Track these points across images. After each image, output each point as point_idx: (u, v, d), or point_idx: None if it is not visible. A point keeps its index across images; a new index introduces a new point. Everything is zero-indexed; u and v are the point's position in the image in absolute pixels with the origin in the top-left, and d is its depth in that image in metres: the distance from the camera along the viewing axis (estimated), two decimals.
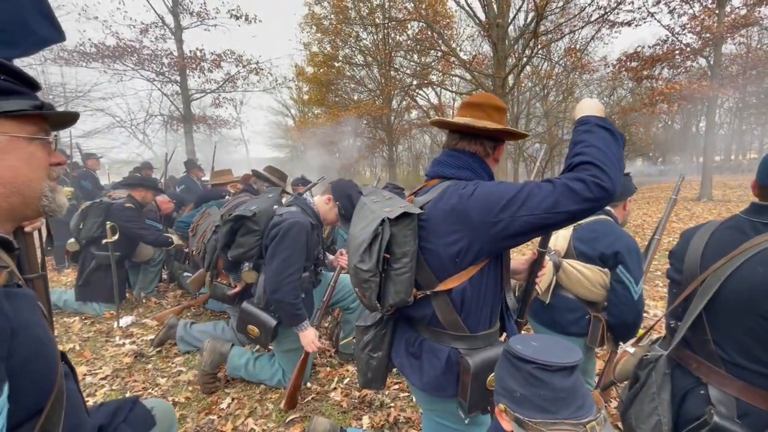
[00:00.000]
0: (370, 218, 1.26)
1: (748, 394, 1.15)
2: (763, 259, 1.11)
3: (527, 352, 0.91)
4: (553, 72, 19.50)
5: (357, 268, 1.22)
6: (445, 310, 1.25)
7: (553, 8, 13.30)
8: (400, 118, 21.35)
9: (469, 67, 13.56)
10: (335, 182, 2.52)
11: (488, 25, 12.39)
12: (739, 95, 18.66)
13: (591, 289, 1.98)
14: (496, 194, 1.12)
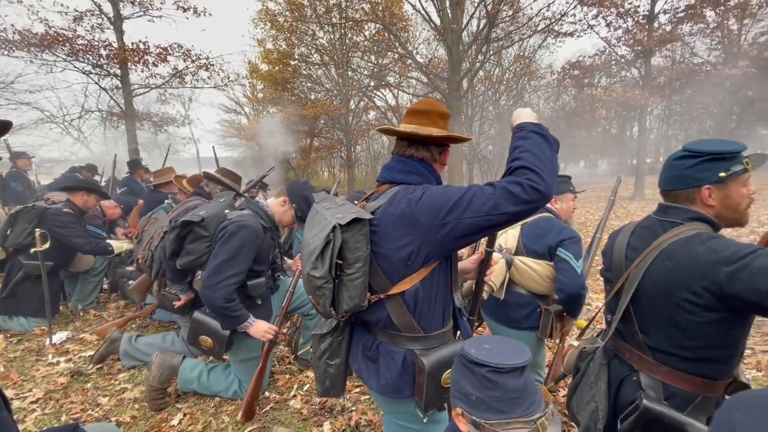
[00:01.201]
0: (322, 225, 1.26)
1: (673, 378, 1.27)
2: (670, 253, 1.24)
3: (480, 356, 0.94)
4: (504, 77, 20.40)
5: (310, 276, 1.21)
6: (399, 312, 1.28)
7: (504, 17, 13.91)
8: (358, 118, 21.30)
9: (425, 70, 13.82)
10: (290, 184, 2.47)
11: (443, 29, 12.71)
12: (666, 103, 20.58)
13: (541, 282, 2.11)
14: (442, 198, 1.16)
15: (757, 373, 2.70)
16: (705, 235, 1.20)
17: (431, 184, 1.31)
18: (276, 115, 20.45)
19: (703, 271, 1.14)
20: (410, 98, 19.93)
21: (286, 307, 2.60)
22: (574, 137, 24.47)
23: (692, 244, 1.20)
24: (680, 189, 1.30)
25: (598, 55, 16.48)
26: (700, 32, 15.63)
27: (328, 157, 26.96)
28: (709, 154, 1.25)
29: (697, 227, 1.25)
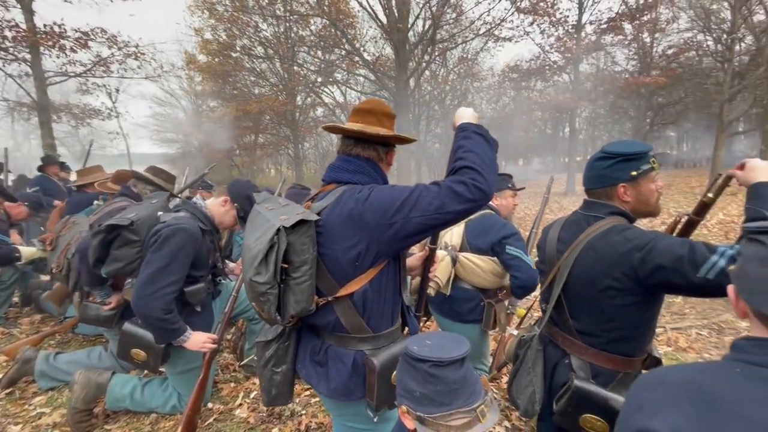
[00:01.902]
0: (264, 227, 1.21)
1: (599, 358, 1.40)
2: (592, 245, 1.36)
3: (423, 352, 0.96)
4: (449, 78, 21.07)
5: (253, 282, 1.15)
6: (348, 314, 1.26)
7: (448, 19, 14.34)
8: (305, 115, 20.84)
9: (372, 68, 13.87)
10: (231, 182, 2.33)
11: (390, 28, 12.82)
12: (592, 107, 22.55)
13: (485, 277, 2.21)
14: (389, 198, 1.17)
15: (668, 348, 3.05)
16: (620, 227, 1.34)
17: (378, 183, 1.31)
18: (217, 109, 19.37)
19: (620, 259, 1.27)
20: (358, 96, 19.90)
21: (229, 313, 2.47)
22: (513, 137, 25.95)
23: (609, 236, 1.33)
24: (600, 187, 1.43)
25: (533, 60, 17.61)
26: (619, 43, 17.27)
27: (275, 155, 26.11)
28: (622, 155, 1.38)
29: (615, 220, 1.38)
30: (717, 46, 15.65)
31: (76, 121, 14.29)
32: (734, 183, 1.31)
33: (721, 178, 1.33)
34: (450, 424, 0.94)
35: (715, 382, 0.65)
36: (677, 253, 1.15)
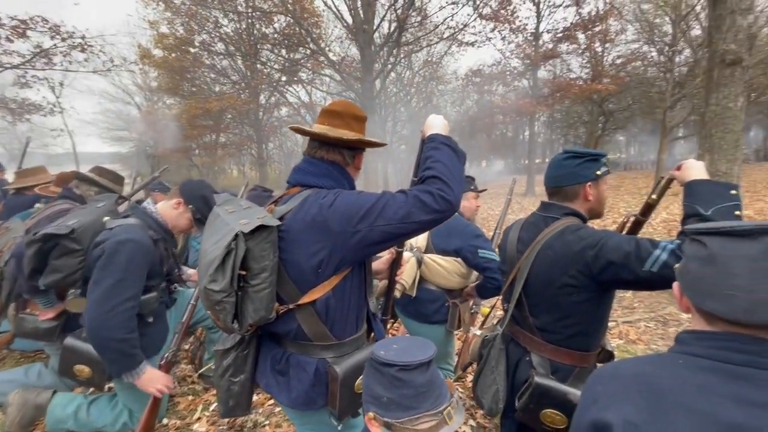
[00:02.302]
0: (222, 231, 1.14)
1: (557, 354, 1.45)
2: (550, 244, 1.42)
3: (389, 356, 0.95)
4: (415, 80, 21.33)
5: (208, 290, 1.09)
6: (310, 321, 1.22)
7: (413, 22, 14.51)
8: (269, 114, 20.35)
9: (338, 68, 13.76)
10: (183, 183, 2.18)
11: (355, 29, 12.79)
12: (550, 112, 23.64)
13: (449, 278, 2.23)
14: (355, 205, 1.14)
15: (620, 341, 3.23)
16: (574, 227, 1.40)
17: (344, 188, 1.28)
18: (174, 106, 18.47)
19: (575, 257, 1.33)
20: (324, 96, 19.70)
21: (187, 323, 2.33)
22: (476, 139, 26.70)
23: (565, 235, 1.39)
24: (568, 185, 1.48)
25: (495, 66, 18.21)
26: (574, 51, 18.22)
27: (237, 155, 25.28)
28: (589, 155, 1.47)
29: (569, 221, 1.44)
30: (660, 57, 16.91)
31: (13, 117, 13.12)
32: (675, 185, 1.40)
33: (663, 180, 1.43)
34: (417, 427, 0.93)
35: (662, 373, 0.71)
36: (625, 249, 1.22)
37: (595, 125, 21.85)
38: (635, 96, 19.88)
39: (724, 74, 3.73)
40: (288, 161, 28.68)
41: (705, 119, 3.97)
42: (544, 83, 18.57)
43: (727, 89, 3.74)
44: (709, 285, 0.70)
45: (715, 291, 0.69)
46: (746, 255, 0.68)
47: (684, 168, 1.32)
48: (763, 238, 0.68)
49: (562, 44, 17.06)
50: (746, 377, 0.66)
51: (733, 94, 3.73)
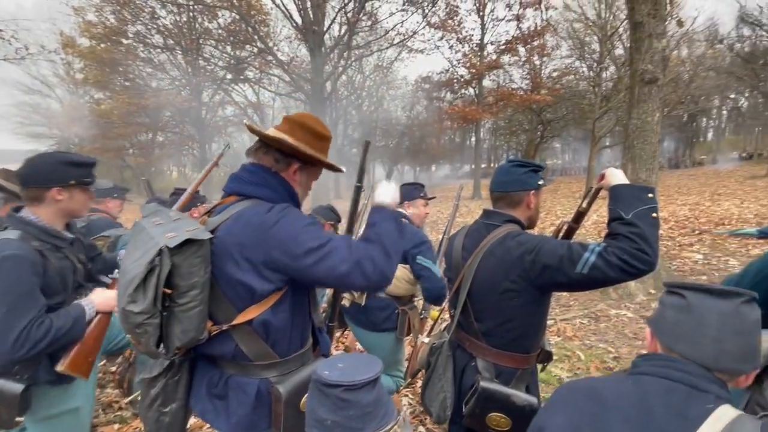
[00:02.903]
0: (146, 246, 1.03)
1: (500, 358, 1.49)
2: (492, 251, 1.46)
3: (334, 377, 0.90)
4: (365, 84, 21.42)
5: (127, 311, 0.98)
6: (250, 341, 1.14)
7: (363, 26, 14.56)
8: (213, 113, 19.34)
9: (287, 68, 13.42)
10: (27, 168, 1.76)
11: (305, 29, 12.56)
12: (494, 119, 24.89)
13: (398, 285, 2.22)
14: (299, 238, 1.08)
15: (558, 338, 3.44)
16: (514, 233, 1.45)
17: (285, 200, 1.20)
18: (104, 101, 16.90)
19: (515, 262, 1.38)
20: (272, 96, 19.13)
21: None
22: (426, 143, 27.40)
23: (506, 242, 1.44)
24: (514, 191, 1.54)
25: (443, 73, 18.81)
26: (515, 63, 19.37)
27: (177, 155, 23.73)
28: (533, 165, 1.55)
29: (510, 228, 1.50)
30: (589, 72, 18.50)
31: None
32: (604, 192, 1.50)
33: (592, 190, 1.53)
34: None
35: (609, 387, 0.83)
36: (559, 252, 1.29)
37: (534, 133, 23.37)
38: (569, 107, 21.57)
39: (643, 91, 4.13)
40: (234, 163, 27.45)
41: (628, 131, 4.38)
42: (489, 92, 19.53)
43: (646, 105, 4.14)
44: (683, 330, 0.81)
45: (688, 335, 0.79)
46: (719, 311, 0.78)
47: (607, 176, 1.43)
48: (733, 299, 0.79)
49: (505, 56, 18.06)
50: (680, 393, 0.76)
51: (650, 110, 4.14)
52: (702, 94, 23.84)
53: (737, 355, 0.77)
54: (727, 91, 27.88)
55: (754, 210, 9.47)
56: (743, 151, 31.17)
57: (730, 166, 25.25)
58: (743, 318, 0.77)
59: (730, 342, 0.76)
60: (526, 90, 19.17)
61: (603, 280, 1.26)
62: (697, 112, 30.03)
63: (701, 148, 37.46)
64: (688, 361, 0.79)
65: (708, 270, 5.06)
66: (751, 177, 18.07)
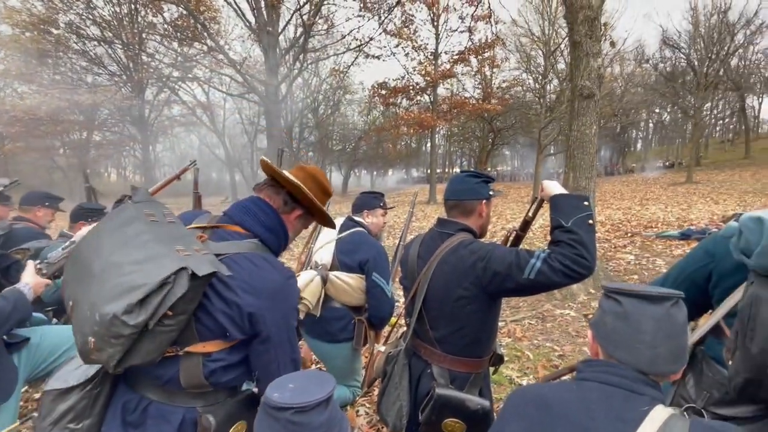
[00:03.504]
0: (151, 252, 0.94)
1: (454, 364, 1.52)
2: (446, 259, 1.50)
3: (284, 399, 0.86)
4: (322, 87, 21.21)
5: (117, 320, 0.87)
6: (191, 372, 1.06)
7: (319, 29, 14.43)
8: (158, 112, 18.18)
9: (239, 68, 12.95)
10: None
11: (258, 29, 12.21)
12: (448, 126, 25.65)
13: (354, 295, 2.20)
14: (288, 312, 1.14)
15: (509, 339, 3.59)
16: (466, 242, 1.50)
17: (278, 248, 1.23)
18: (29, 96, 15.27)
19: (468, 270, 1.43)
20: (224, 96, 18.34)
21: None
22: (383, 148, 27.64)
23: (458, 250, 1.48)
24: (468, 199, 1.59)
25: (399, 80, 19.09)
26: (467, 73, 20.14)
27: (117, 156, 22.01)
28: (485, 176, 1.62)
29: (462, 236, 1.55)
30: (535, 84, 19.68)
31: None
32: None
33: (536, 201, 1.63)
34: None
35: (555, 394, 0.88)
36: (508, 259, 1.35)
37: (486, 140, 24.39)
38: (517, 116, 22.81)
39: (582, 105, 4.45)
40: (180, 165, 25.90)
41: (569, 142, 4.70)
42: (443, 100, 20.11)
43: (584, 118, 4.47)
44: (621, 338, 0.86)
45: (626, 343, 0.85)
46: (652, 316, 0.84)
47: (544, 187, 1.54)
48: (664, 303, 0.85)
49: (458, 66, 18.70)
50: (619, 397, 0.82)
51: (588, 123, 4.48)
52: (632, 108, 26.24)
53: (669, 358, 0.84)
54: (652, 106, 30.95)
55: (676, 213, 10.54)
56: (666, 161, 34.65)
57: (655, 173, 27.99)
58: (673, 321, 0.85)
59: (663, 346, 0.83)
60: (478, 99, 19.97)
61: (548, 285, 1.34)
62: (628, 125, 33.04)
63: (632, 157, 41.16)
64: (626, 366, 0.85)
65: (639, 270, 5.54)
66: (673, 184, 20.13)
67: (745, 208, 10.38)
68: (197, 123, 19.48)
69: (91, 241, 1.03)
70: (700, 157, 30.89)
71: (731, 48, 21.55)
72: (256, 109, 22.42)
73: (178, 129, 21.17)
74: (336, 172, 33.24)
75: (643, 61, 25.83)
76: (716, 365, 1.28)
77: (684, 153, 32.70)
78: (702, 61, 20.74)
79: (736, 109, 32.48)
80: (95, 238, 1.04)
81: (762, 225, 1.11)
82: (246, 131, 24.83)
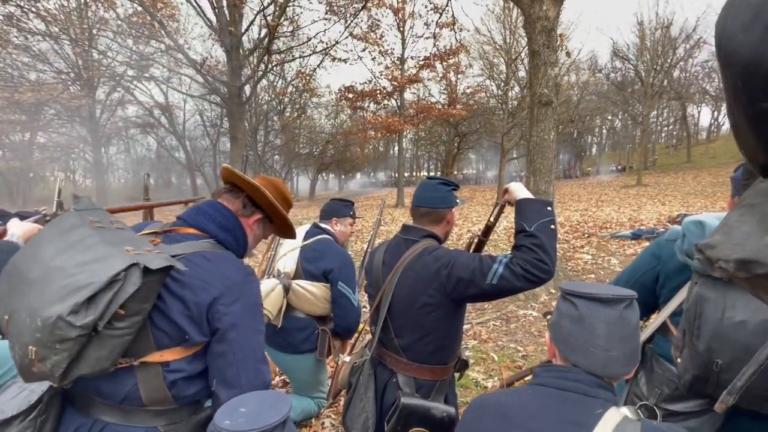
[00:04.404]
0: (95, 252, 0.90)
1: (420, 372, 1.51)
2: (411, 266, 1.49)
3: (238, 426, 0.80)
4: (288, 90, 20.86)
5: (63, 321, 0.81)
6: (152, 384, 1.00)
7: (284, 31, 14.19)
8: (111, 112, 17.15)
9: (200, 69, 12.47)
10: None
11: (220, 29, 11.83)
12: (415, 130, 25.98)
13: (318, 304, 2.15)
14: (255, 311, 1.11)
15: (474, 341, 3.64)
16: (431, 248, 1.50)
17: (238, 250, 1.20)
18: None
19: (432, 276, 1.42)
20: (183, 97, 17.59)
21: None
22: (351, 152, 27.56)
23: (423, 257, 1.48)
24: (440, 207, 1.59)
25: (367, 84, 19.13)
26: (433, 78, 20.51)
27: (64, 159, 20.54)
28: (454, 185, 1.63)
29: (427, 243, 1.54)
30: (498, 91, 20.34)
31: None
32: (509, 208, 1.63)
33: (497, 207, 1.65)
34: None
35: (512, 401, 0.88)
36: (471, 265, 1.36)
37: (452, 144, 24.91)
38: (481, 121, 23.45)
39: (541, 112, 4.63)
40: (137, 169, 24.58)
41: (529, 147, 4.87)
42: (410, 104, 20.35)
43: (543, 124, 4.65)
44: (576, 341, 0.87)
45: (581, 347, 0.86)
46: (606, 319, 0.86)
47: (510, 190, 1.55)
48: (617, 306, 0.86)
49: (424, 71, 18.99)
50: (573, 401, 0.83)
51: (547, 129, 4.66)
52: (587, 115, 27.73)
53: (622, 360, 0.86)
54: (605, 113, 32.89)
55: (628, 214, 11.20)
56: (618, 164, 36.85)
57: (609, 177, 29.69)
58: (626, 323, 0.86)
59: (616, 349, 0.85)
60: (444, 104, 20.37)
61: (511, 289, 1.36)
62: (584, 130, 34.90)
63: (587, 161, 43.45)
64: (580, 370, 0.86)
65: (595, 269, 5.82)
66: (625, 186, 21.43)
67: (688, 209, 11.21)
68: (155, 125, 18.57)
69: (28, 251, 0.96)
70: (656, 159, 33.15)
71: (673, 60, 23.29)
72: (218, 111, 21.70)
73: (134, 131, 20.07)
74: (303, 176, 32.74)
75: (596, 71, 27.45)
76: (665, 362, 1.34)
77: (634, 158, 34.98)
78: (648, 71, 22.25)
79: (678, 117, 35.15)
80: (33, 248, 0.97)
81: (703, 228, 1.19)
82: (208, 134, 23.98)
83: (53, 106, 14.53)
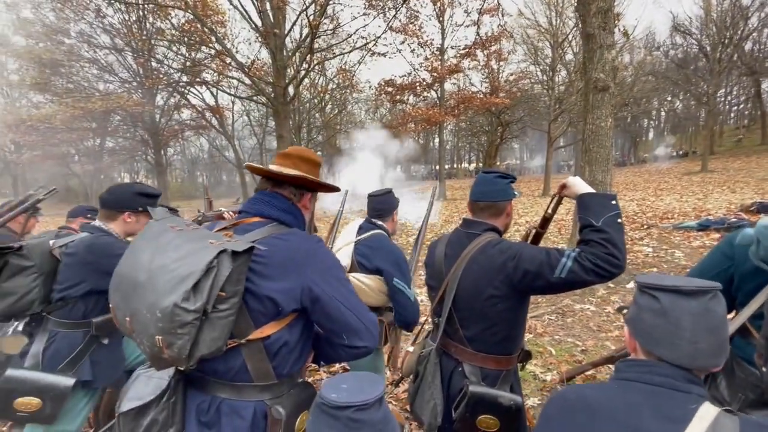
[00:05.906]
0: (188, 248, 1.03)
1: (485, 361, 1.55)
2: (475, 259, 1.53)
3: (343, 398, 0.90)
4: (329, 87, 21.25)
5: (180, 308, 0.95)
6: (256, 359, 1.13)
7: (325, 30, 14.45)
8: (168, 117, 18.41)
9: (247, 71, 13.04)
10: (109, 194, 2.01)
11: (265, 32, 12.28)
12: (456, 121, 25.53)
13: (373, 296, 2.23)
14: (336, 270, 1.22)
15: (529, 335, 3.59)
16: (494, 242, 1.52)
17: (301, 227, 1.31)
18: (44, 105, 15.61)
19: (498, 269, 1.45)
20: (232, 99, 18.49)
21: None
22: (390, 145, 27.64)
23: (487, 250, 1.51)
24: (500, 200, 1.62)
25: (406, 77, 19.05)
26: (474, 67, 19.98)
27: (129, 161, 22.37)
28: (510, 177, 1.65)
29: (489, 236, 1.57)
30: (543, 76, 19.44)
31: None
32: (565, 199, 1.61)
33: (555, 198, 1.64)
34: None
35: (598, 395, 0.88)
36: (539, 258, 1.37)
37: (494, 134, 24.19)
38: (525, 109, 22.54)
39: (596, 98, 4.42)
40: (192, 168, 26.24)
41: (584, 136, 4.67)
42: (450, 95, 20.00)
43: (599, 111, 4.44)
44: (660, 335, 0.85)
45: (666, 340, 0.85)
46: (691, 311, 0.83)
47: (570, 185, 1.53)
48: (702, 298, 0.84)
49: (465, 60, 18.59)
50: (664, 396, 0.82)
51: (604, 115, 4.44)
52: (643, 97, 25.77)
53: (710, 352, 0.83)
54: (664, 94, 30.36)
55: (692, 204, 10.36)
56: (680, 149, 34.01)
57: (668, 163, 27.48)
58: (713, 315, 0.84)
59: (704, 341, 0.82)
60: (486, 93, 19.82)
61: (579, 283, 1.36)
62: (640, 114, 32.47)
63: (644, 146, 40.49)
64: (667, 364, 0.85)
65: (657, 262, 5.48)
66: (687, 173, 19.77)
67: (763, 196, 10.16)
68: (207, 126, 19.71)
69: (128, 261, 1.12)
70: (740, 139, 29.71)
71: (745, 32, 21.00)
72: (264, 111, 22.58)
73: (189, 133, 21.42)
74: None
75: (653, 49, 25.35)
76: (747, 366, 1.28)
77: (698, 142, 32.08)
78: (714, 46, 20.24)
79: (751, 95, 31.68)
80: (131, 258, 1.12)
81: None
82: (255, 133, 25.04)
83: (119, 113, 15.87)
